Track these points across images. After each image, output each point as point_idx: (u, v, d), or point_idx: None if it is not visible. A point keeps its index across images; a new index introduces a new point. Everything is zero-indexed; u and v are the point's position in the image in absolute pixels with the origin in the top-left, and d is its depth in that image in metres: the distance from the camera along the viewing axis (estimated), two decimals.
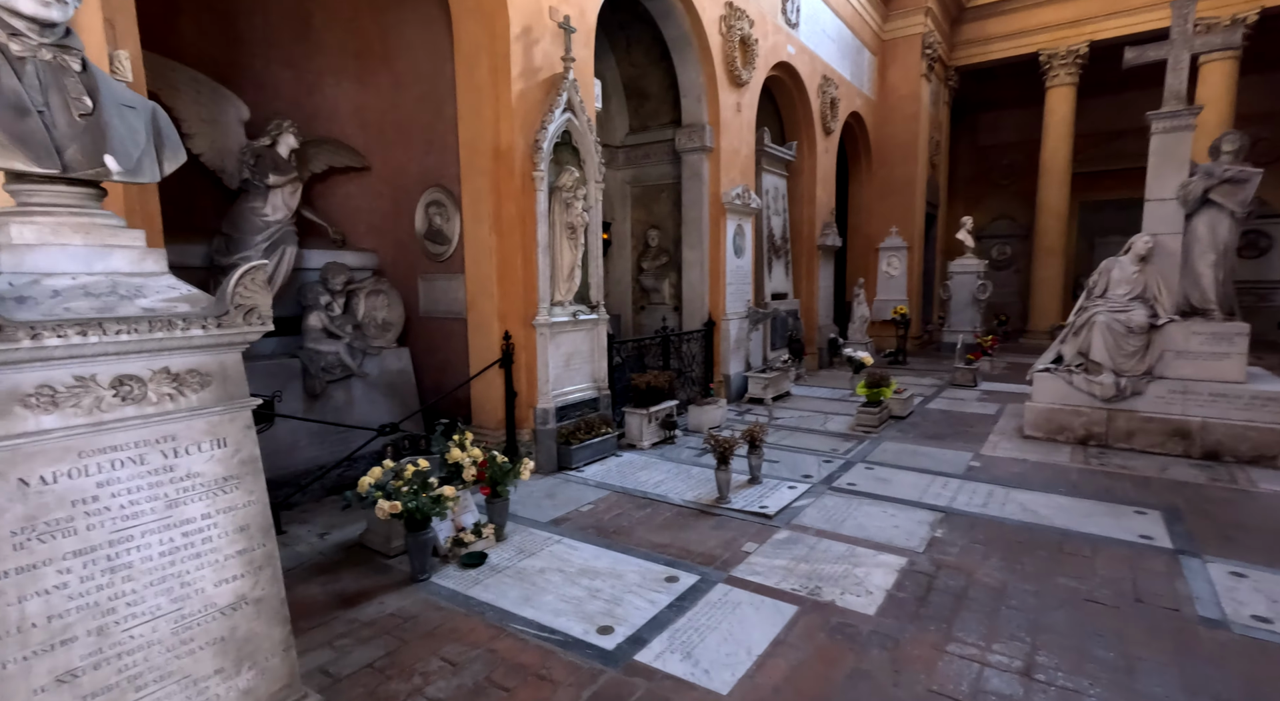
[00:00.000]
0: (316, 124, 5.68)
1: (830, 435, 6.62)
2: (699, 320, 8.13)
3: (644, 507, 4.59)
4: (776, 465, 5.53)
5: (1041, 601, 3.16)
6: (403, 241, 6.35)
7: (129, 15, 3.03)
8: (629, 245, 9.21)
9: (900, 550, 3.76)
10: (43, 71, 1.40)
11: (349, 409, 4.96)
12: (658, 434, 6.28)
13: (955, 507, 4.46)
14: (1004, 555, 3.69)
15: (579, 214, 5.42)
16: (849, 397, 8.54)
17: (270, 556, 1.66)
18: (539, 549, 3.86)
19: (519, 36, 5.01)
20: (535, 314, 5.25)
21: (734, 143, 8.17)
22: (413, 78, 6.01)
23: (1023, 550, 3.75)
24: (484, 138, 5.07)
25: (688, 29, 7.45)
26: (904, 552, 3.73)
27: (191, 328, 1.48)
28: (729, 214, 8.09)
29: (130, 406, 1.41)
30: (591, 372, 5.90)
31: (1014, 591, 3.26)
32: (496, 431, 5.31)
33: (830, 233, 11.03)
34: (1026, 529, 4.07)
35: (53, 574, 1.29)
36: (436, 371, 6.29)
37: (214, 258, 4.32)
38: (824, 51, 10.59)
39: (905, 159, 12.94)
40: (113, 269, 1.46)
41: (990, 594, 3.24)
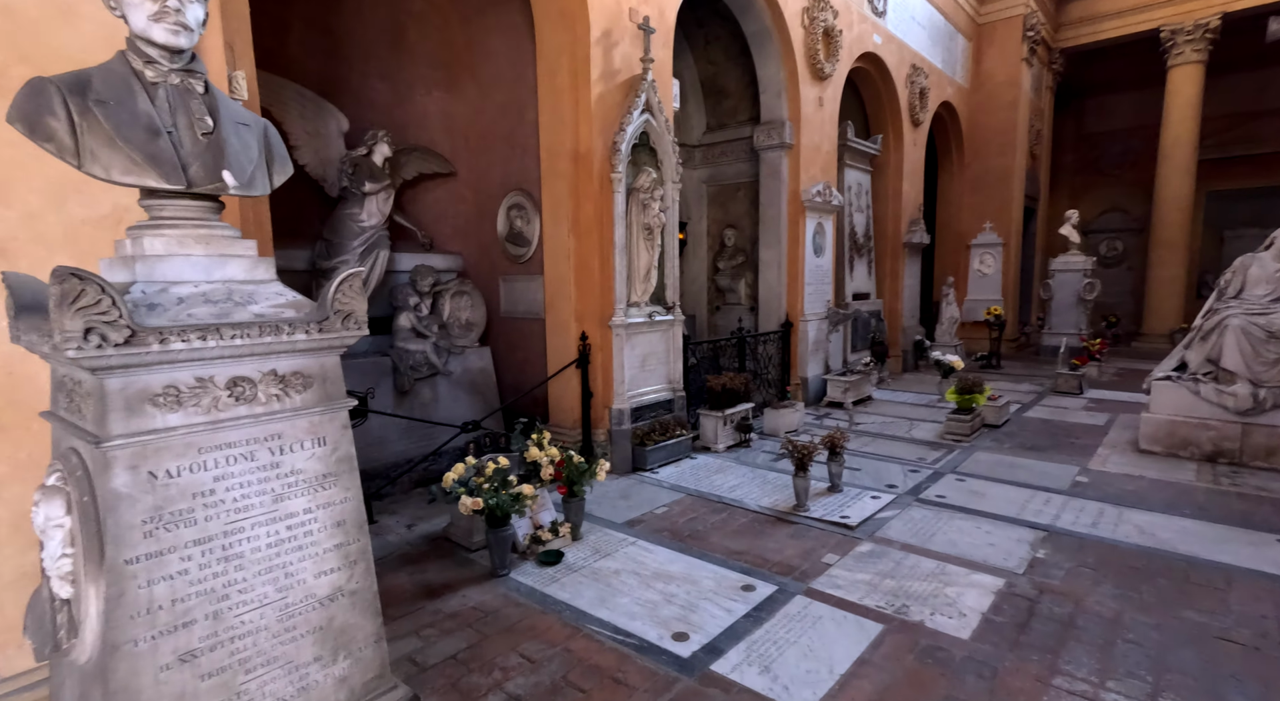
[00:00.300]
0: (408, 132, 5.95)
1: (916, 443, 6.28)
2: (776, 321, 7.94)
3: (719, 512, 4.52)
4: (858, 473, 5.31)
5: (1164, 636, 2.85)
6: (485, 243, 6.56)
7: (245, 38, 3.27)
8: (704, 244, 9.12)
9: (997, 570, 3.50)
10: (172, 95, 1.52)
11: (434, 405, 5.17)
12: (733, 437, 6.18)
13: (1059, 527, 4.11)
14: (1118, 582, 3.36)
15: (656, 215, 5.40)
16: (936, 403, 8.10)
17: (364, 551, 1.73)
18: (614, 550, 3.87)
19: (599, 40, 5.05)
20: (611, 315, 5.28)
21: (815, 138, 7.91)
22: (496, 85, 6.18)
23: (1140, 577, 3.41)
24: (563, 141, 5.15)
25: (768, 23, 7.28)
26: (1001, 573, 3.47)
27: (296, 332, 1.56)
28: (808, 212, 7.85)
29: (243, 406, 1.50)
30: (666, 374, 5.88)
31: (1131, 623, 2.96)
32: (573, 431, 5.38)
33: (917, 229, 10.50)
34: (1144, 554, 3.69)
35: (176, 560, 1.39)
36: (516, 370, 6.45)
37: (316, 261, 4.62)
38: (913, 39, 10.08)
39: (1002, 150, 12.12)
40: (229, 277, 1.56)
41: (1103, 624, 2.95)
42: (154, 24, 1.46)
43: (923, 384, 9.50)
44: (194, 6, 1.52)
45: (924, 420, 7.22)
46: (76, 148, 1.40)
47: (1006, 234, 12.25)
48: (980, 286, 12.59)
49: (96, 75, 1.45)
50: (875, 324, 9.55)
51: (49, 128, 1.37)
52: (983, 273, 12.58)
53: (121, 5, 1.47)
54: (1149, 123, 13.58)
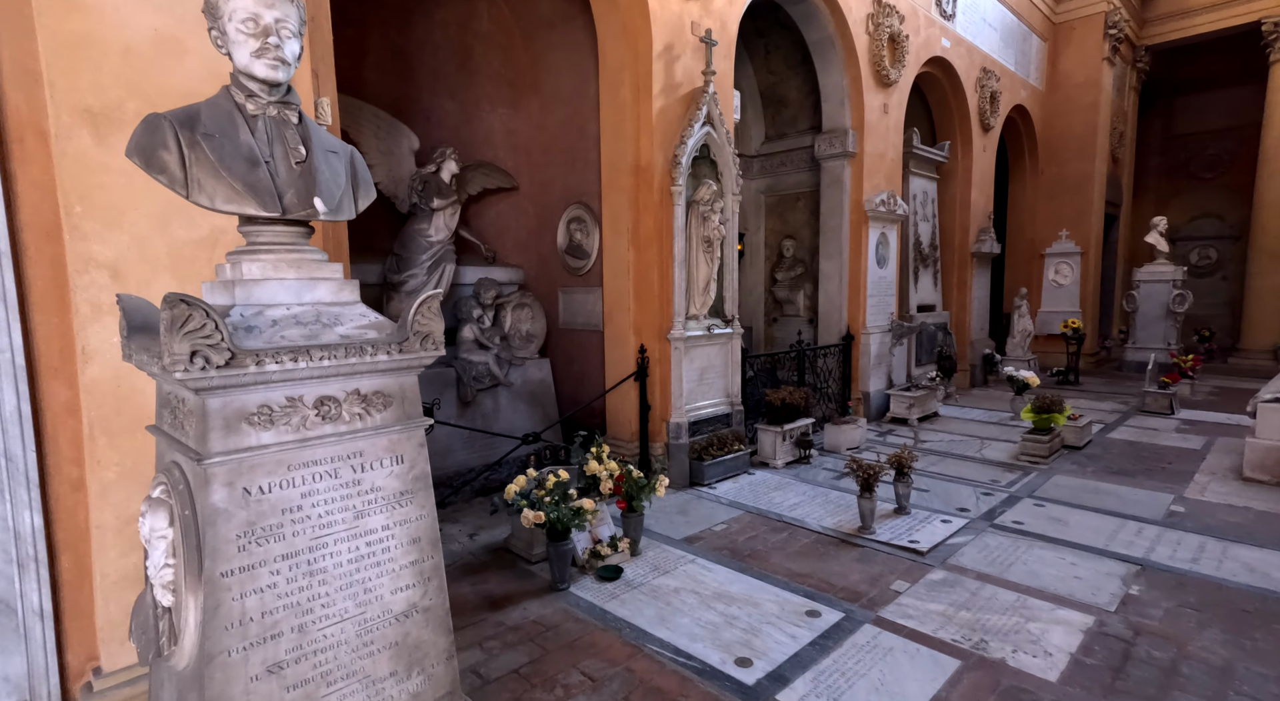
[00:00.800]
0: (473, 149, 6.13)
1: (988, 464, 5.97)
2: (836, 333, 7.74)
3: (779, 531, 4.41)
4: (926, 495, 5.08)
5: None
6: (545, 256, 6.66)
7: (329, 66, 3.44)
8: (762, 255, 9.00)
9: (1085, 606, 3.27)
10: (269, 126, 1.60)
11: (495, 416, 5.27)
12: (792, 453, 6.04)
13: (1154, 561, 3.81)
14: (1227, 625, 3.08)
15: (716, 227, 5.36)
16: (1009, 421, 7.69)
17: (437, 569, 1.75)
18: (673, 567, 3.82)
19: (660, 54, 5.07)
20: (670, 327, 5.26)
21: (879, 146, 7.70)
22: (558, 101, 6.30)
23: (1253, 622, 3.11)
24: (624, 155, 5.18)
25: (831, 31, 7.15)
26: (1090, 609, 3.23)
27: (378, 353, 1.60)
28: (871, 222, 7.63)
29: (329, 424, 1.55)
30: (724, 387, 5.80)
31: (1245, 674, 2.69)
32: (630, 443, 5.37)
33: (987, 238, 10.06)
34: (1258, 596, 3.37)
35: (266, 574, 1.44)
36: (574, 381, 6.51)
37: (386, 275, 4.80)
38: (984, 41, 9.71)
39: (1080, 154, 11.49)
40: (317, 299, 1.62)
41: (1211, 673, 2.70)
42: (255, 60, 1.54)
43: (993, 400, 9.05)
44: (291, 42, 1.59)
45: (996, 439, 6.87)
46: (185, 179, 1.48)
47: (1085, 242, 11.59)
48: (1055, 298, 11.94)
49: (204, 110, 1.54)
50: (942, 337, 9.18)
51: (162, 161, 1.46)
52: (1058, 283, 11.94)
53: (227, 43, 1.55)
54: (1246, 122, 12.62)
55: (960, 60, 9.15)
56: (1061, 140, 11.70)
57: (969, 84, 9.43)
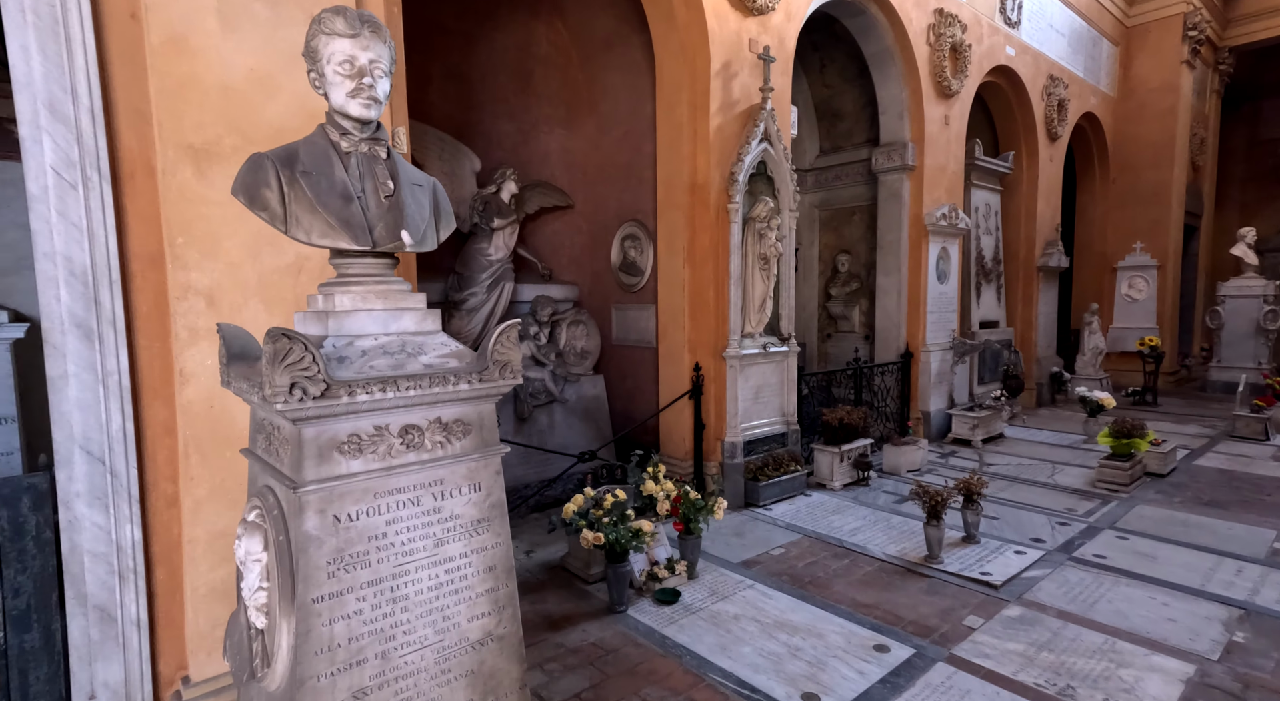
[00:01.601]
0: (530, 168, 6.25)
1: (1062, 491, 5.66)
2: (894, 351, 7.52)
3: (841, 558, 4.27)
4: (996, 523, 4.85)
5: None
6: (599, 272, 6.72)
7: (401, 95, 3.56)
8: (816, 270, 8.85)
9: (1183, 653, 3.03)
10: (361, 162, 1.65)
11: (550, 432, 5.31)
12: (850, 474, 5.87)
13: (1262, 605, 3.51)
14: None
15: (772, 244, 5.30)
16: (1082, 445, 7.29)
17: (511, 597, 1.76)
18: (731, 592, 3.75)
19: (718, 72, 5.07)
20: (725, 345, 5.20)
21: (939, 159, 7.49)
22: (614, 120, 6.37)
23: None
24: (681, 173, 5.19)
25: (890, 43, 7.02)
26: (1189, 657, 3.00)
27: (460, 382, 1.62)
28: (931, 236, 7.40)
29: (412, 453, 1.58)
30: (780, 406, 5.70)
31: None
32: (684, 462, 5.32)
33: (1054, 251, 9.62)
34: None
35: (353, 601, 1.47)
36: (626, 398, 6.51)
37: (448, 293, 4.93)
38: (1050, 48, 9.35)
39: (1157, 162, 10.90)
40: (402, 329, 1.66)
41: None
42: (351, 100, 1.60)
43: (1062, 421, 8.60)
44: (383, 82, 1.65)
45: (1069, 464, 6.51)
46: (285, 215, 1.55)
47: (1162, 254, 10.95)
48: (1129, 313, 11.31)
49: (302, 148, 1.61)
50: (1006, 354, 8.80)
51: (265, 198, 1.53)
52: (1132, 298, 11.31)
53: (325, 85, 1.62)
54: None
55: (1025, 68, 8.84)
56: (1135, 148, 11.13)
57: (1035, 92, 9.09)
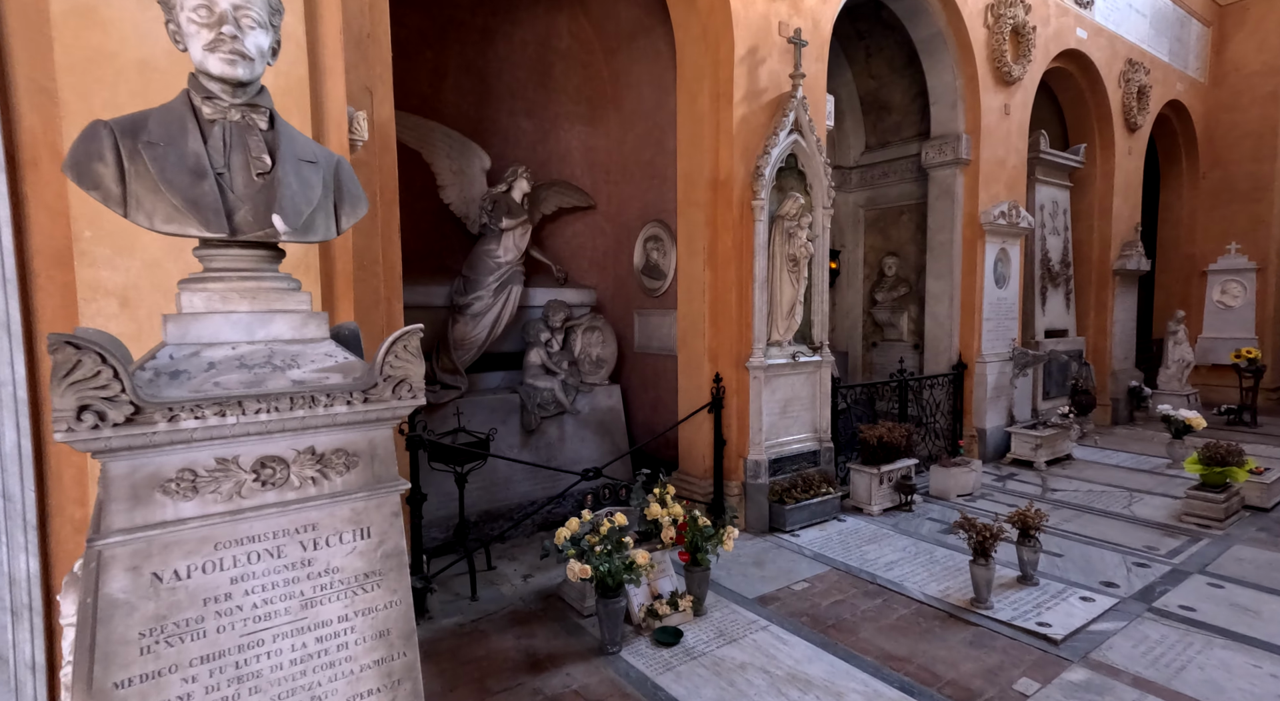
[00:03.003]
0: (549, 167, 5.99)
1: (1140, 524, 4.95)
2: (945, 361, 6.87)
3: (872, 597, 3.77)
4: (1059, 561, 4.23)
5: None
6: (621, 276, 6.39)
7: (386, 83, 3.33)
8: (860, 274, 8.26)
9: None
10: (230, 133, 1.36)
11: (560, 445, 5.00)
12: (890, 498, 5.31)
13: None
14: None
15: (802, 244, 4.83)
16: (1165, 470, 6.46)
17: (410, 668, 1.41)
18: (741, 634, 3.32)
19: (743, 58, 4.66)
20: (749, 355, 4.77)
21: (998, 152, 6.82)
22: (637, 115, 6.04)
23: None
24: (702, 168, 4.80)
25: (942, 27, 6.43)
26: None
27: (335, 403, 1.30)
28: (989, 236, 6.74)
29: (271, 491, 1.26)
30: (811, 421, 5.21)
31: None
32: (703, 481, 4.91)
33: (1133, 253, 8.70)
34: None
35: (178, 682, 1.16)
36: (648, 409, 6.14)
37: (453, 297, 4.69)
38: (1129, 30, 8.49)
39: (1257, 154, 9.77)
40: (273, 336, 1.35)
41: None
42: (210, 54, 1.31)
43: (1141, 442, 7.70)
44: (255, 33, 1.35)
45: (1149, 492, 5.74)
46: (123, 195, 1.27)
47: (1263, 256, 9.79)
48: (1221, 322, 10.17)
49: (155, 115, 1.33)
50: (1076, 368, 7.97)
51: (96, 174, 1.25)
52: (1225, 305, 10.16)
53: (183, 37, 1.33)
54: None
55: (1100, 52, 8.02)
56: (1230, 139, 10.01)
57: (1110, 78, 8.25)
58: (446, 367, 4.52)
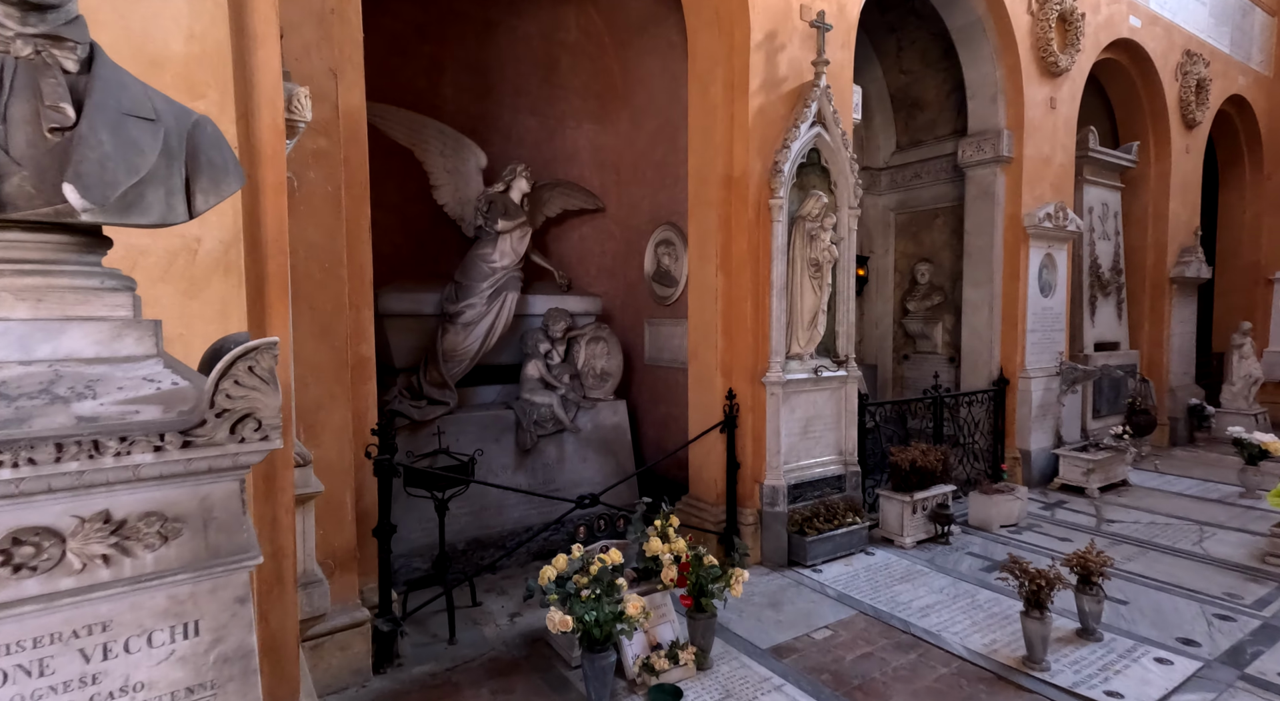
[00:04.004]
0: (555, 167, 5.64)
1: (1216, 565, 4.34)
2: (985, 376, 6.30)
3: (905, 650, 3.27)
4: (1124, 609, 3.68)
5: None
6: (632, 283, 5.99)
7: (357, 67, 3.00)
8: (890, 282, 7.73)
9: None
10: (15, 74, 0.99)
11: (560, 466, 4.60)
12: (925, 529, 4.78)
13: None
14: None
15: (826, 248, 4.37)
16: (1236, 500, 5.79)
17: None
18: (751, 696, 2.87)
19: (760, 44, 4.25)
20: (766, 369, 4.31)
21: (1043, 149, 6.27)
22: (649, 111, 5.66)
23: None
24: (714, 164, 4.38)
25: (981, 13, 5.93)
26: None
27: (136, 450, 0.91)
28: (1033, 240, 6.18)
29: (31, 580, 0.87)
30: (836, 442, 4.72)
31: None
32: (715, 507, 4.45)
33: (1192, 259, 7.99)
34: None
35: None
36: (659, 426, 5.72)
37: (443, 305, 4.34)
38: (1187, 19, 7.84)
39: None
40: (64, 354, 0.98)
41: None
42: None
43: (1206, 466, 6.99)
44: None
45: (1222, 526, 5.10)
46: None
47: None
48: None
49: None
50: (1133, 384, 7.30)
51: None
52: None
53: None
54: None
55: (1155, 42, 7.40)
56: None
57: (1166, 71, 7.61)
58: (434, 381, 4.16)
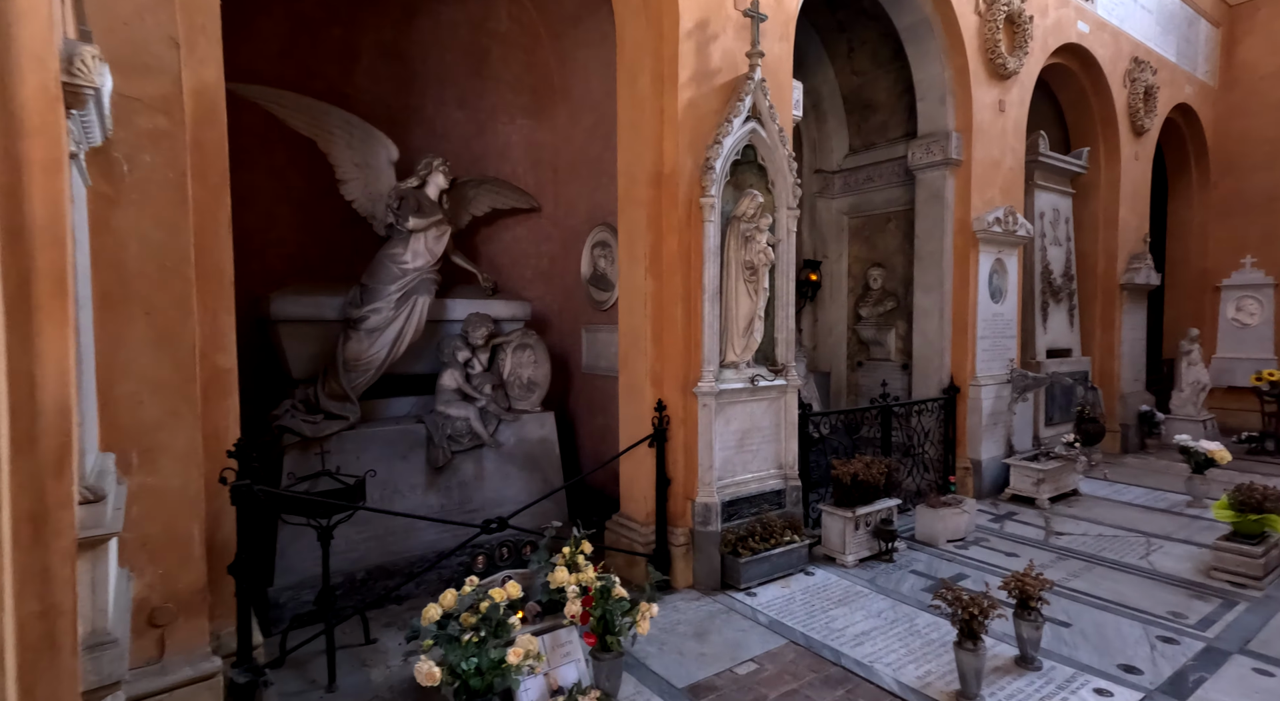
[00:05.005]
0: (486, 164, 5.32)
1: (1162, 581, 4.18)
2: (935, 384, 6.13)
3: (834, 685, 3.01)
4: (1066, 632, 3.48)
5: None
6: (570, 287, 5.69)
7: (214, 40, 2.65)
8: (845, 287, 7.56)
9: None
10: None
11: (477, 484, 4.26)
12: (868, 545, 4.55)
13: None
14: None
15: (762, 250, 4.13)
16: (1184, 509, 5.71)
17: None
18: None
19: (690, 33, 4.00)
20: (698, 378, 4.05)
21: (992, 152, 6.15)
22: (586, 106, 5.38)
23: None
24: (643, 160, 4.11)
25: (929, 12, 5.79)
26: None
27: None
28: (983, 245, 6.04)
29: None
30: (775, 455, 4.47)
31: None
32: (645, 527, 4.15)
33: (1142, 266, 7.99)
34: None
35: None
36: (597, 438, 5.42)
37: (346, 310, 3.97)
38: (1135, 26, 7.86)
39: (1271, 162, 9.09)
40: None
41: None
42: None
43: (1155, 474, 6.94)
44: None
45: (1168, 538, 4.98)
46: None
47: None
48: (1236, 341, 9.43)
49: None
50: (1083, 392, 7.22)
51: None
52: (1241, 322, 9.42)
53: None
54: None
55: (1103, 48, 7.38)
56: (1243, 146, 9.34)
57: (1115, 77, 7.60)
58: (334, 393, 3.79)
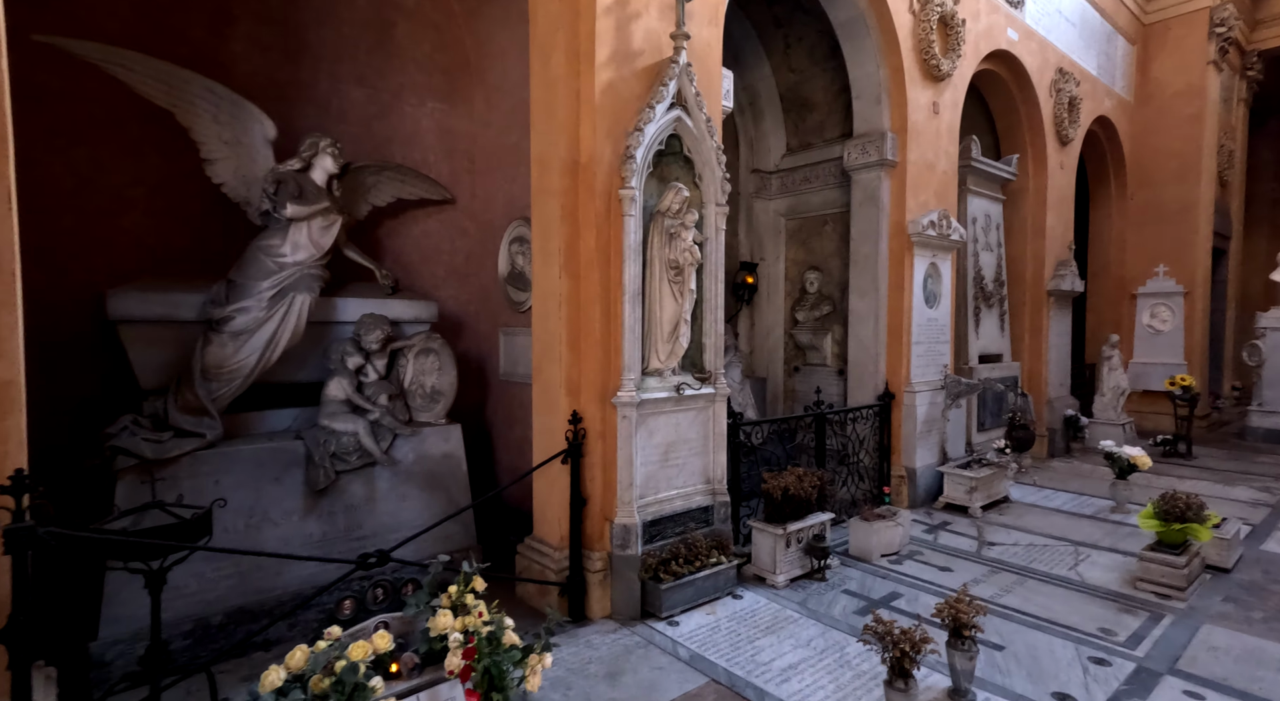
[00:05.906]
0: (392, 149, 4.82)
1: (1091, 594, 4.08)
2: (871, 390, 5.98)
3: None
4: (999, 656, 3.28)
5: None
6: (487, 287, 5.24)
7: None
8: (782, 291, 7.36)
9: None
10: None
11: (368, 507, 3.76)
12: (800, 563, 4.30)
13: None
14: None
15: (687, 248, 3.81)
16: (1109, 514, 5.74)
17: None
18: None
19: (610, 9, 3.65)
20: (618, 387, 3.69)
21: (927, 154, 6.05)
22: (503, 91, 4.96)
23: None
24: (557, 146, 3.73)
25: (863, 8, 5.63)
26: None
27: None
28: (918, 248, 5.93)
29: None
30: (703, 469, 4.15)
31: None
32: (559, 552, 3.76)
33: (1067, 273, 8.14)
34: None
35: None
36: (515, 451, 4.98)
37: (208, 309, 3.41)
38: (1060, 38, 8.01)
39: (1181, 175, 9.49)
40: None
41: None
42: None
43: (1081, 478, 7.02)
44: None
45: (1096, 546, 4.94)
46: None
47: (1189, 280, 9.48)
48: (1152, 347, 9.80)
49: None
50: (1013, 398, 7.24)
51: None
52: (1155, 329, 9.81)
53: None
54: None
55: (1031, 57, 7.47)
56: (1156, 159, 9.73)
57: (1042, 87, 7.71)
58: (189, 406, 3.23)
